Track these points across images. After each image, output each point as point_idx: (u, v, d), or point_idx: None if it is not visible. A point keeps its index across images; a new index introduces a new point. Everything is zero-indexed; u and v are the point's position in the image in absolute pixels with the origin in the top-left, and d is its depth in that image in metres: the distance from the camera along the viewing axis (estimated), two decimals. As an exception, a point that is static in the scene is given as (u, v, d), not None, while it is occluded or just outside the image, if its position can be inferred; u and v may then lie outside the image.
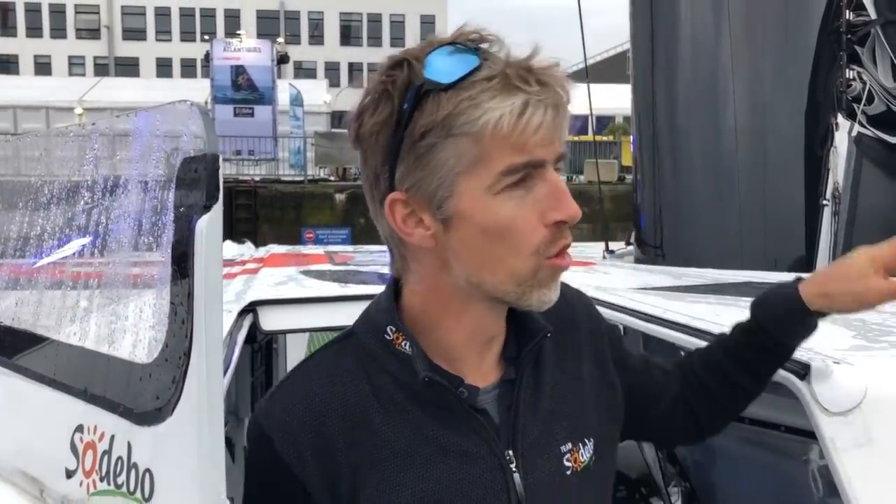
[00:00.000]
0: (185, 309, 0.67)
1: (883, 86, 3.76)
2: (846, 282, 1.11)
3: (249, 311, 1.83)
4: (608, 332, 1.13)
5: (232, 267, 3.12)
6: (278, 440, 0.91)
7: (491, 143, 0.85)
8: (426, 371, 0.91)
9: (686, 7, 3.99)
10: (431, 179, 0.87)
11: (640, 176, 4.22)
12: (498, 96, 0.84)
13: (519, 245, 0.88)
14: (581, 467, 1.00)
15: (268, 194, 20.01)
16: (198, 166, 0.66)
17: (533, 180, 0.87)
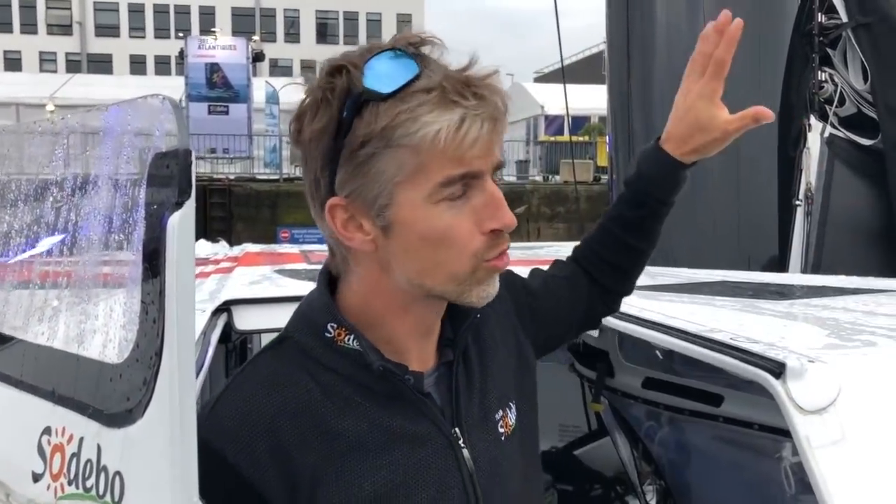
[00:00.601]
0: (156, 308, 0.66)
1: (854, 88, 3.81)
2: (708, 132, 1.17)
3: (223, 311, 1.81)
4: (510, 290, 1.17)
5: (206, 266, 3.08)
6: (231, 450, 0.91)
7: (429, 156, 0.88)
8: (379, 361, 0.94)
9: (661, 9, 4.02)
10: (371, 187, 0.90)
11: (615, 176, 4.25)
12: (436, 110, 0.87)
13: (457, 251, 0.92)
14: (511, 430, 1.07)
15: (242, 193, 19.86)
16: (170, 162, 0.65)
17: (472, 190, 0.91)
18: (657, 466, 2.60)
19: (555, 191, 20.43)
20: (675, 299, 2.27)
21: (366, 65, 0.88)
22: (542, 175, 24.84)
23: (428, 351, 1.03)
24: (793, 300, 2.32)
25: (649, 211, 1.22)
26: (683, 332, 1.56)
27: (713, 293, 2.44)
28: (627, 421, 2.71)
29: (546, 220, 19.49)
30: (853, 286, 2.51)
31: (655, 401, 2.33)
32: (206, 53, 23.80)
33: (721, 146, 1.19)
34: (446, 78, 0.88)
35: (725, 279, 2.80)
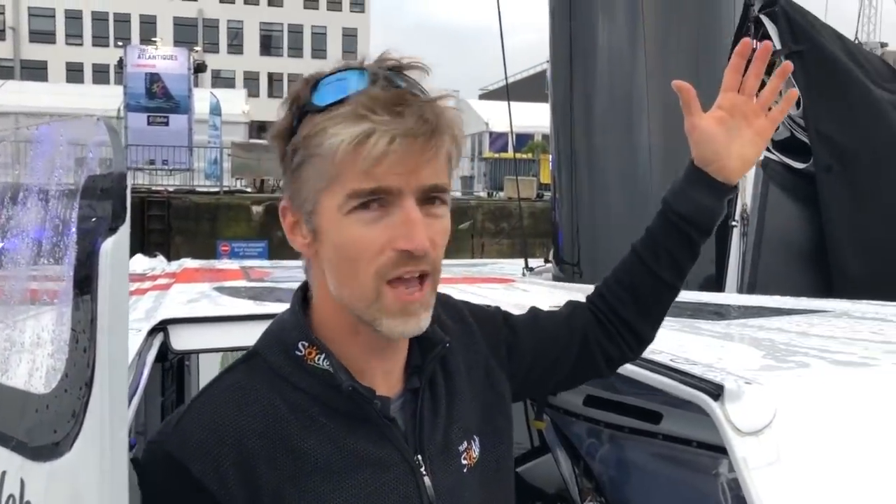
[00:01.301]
0: (87, 336, 0.63)
1: (787, 113, 3.92)
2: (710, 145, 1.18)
3: (160, 330, 1.76)
4: (481, 324, 1.17)
5: (143, 282, 3.01)
6: (196, 465, 0.91)
7: (341, 167, 0.90)
8: (349, 381, 0.95)
9: (603, 30, 4.08)
10: (301, 193, 0.95)
11: (558, 194, 4.29)
12: (342, 123, 0.89)
13: (363, 265, 0.92)
14: (474, 463, 1.07)
15: (182, 205, 19.47)
16: (104, 185, 0.63)
17: (391, 207, 0.91)
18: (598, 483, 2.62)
19: (499, 207, 20.58)
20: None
21: (321, 80, 0.93)
22: (487, 191, 25.00)
23: (394, 375, 1.03)
24: (730, 320, 2.36)
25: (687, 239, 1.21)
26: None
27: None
28: (569, 438, 2.73)
29: (490, 235, 19.59)
30: (787, 307, 2.57)
31: (596, 418, 2.35)
32: (145, 63, 23.37)
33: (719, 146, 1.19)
34: (367, 95, 0.90)
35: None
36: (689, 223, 1.20)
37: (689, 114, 1.19)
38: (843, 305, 2.56)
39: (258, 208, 19.59)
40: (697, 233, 1.21)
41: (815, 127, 3.80)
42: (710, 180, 1.19)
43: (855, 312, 2.40)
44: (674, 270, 1.22)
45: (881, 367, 1.59)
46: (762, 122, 1.20)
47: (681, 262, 1.22)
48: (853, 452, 1.31)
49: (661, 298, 1.25)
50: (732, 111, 1.19)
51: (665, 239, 1.21)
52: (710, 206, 1.20)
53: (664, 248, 1.21)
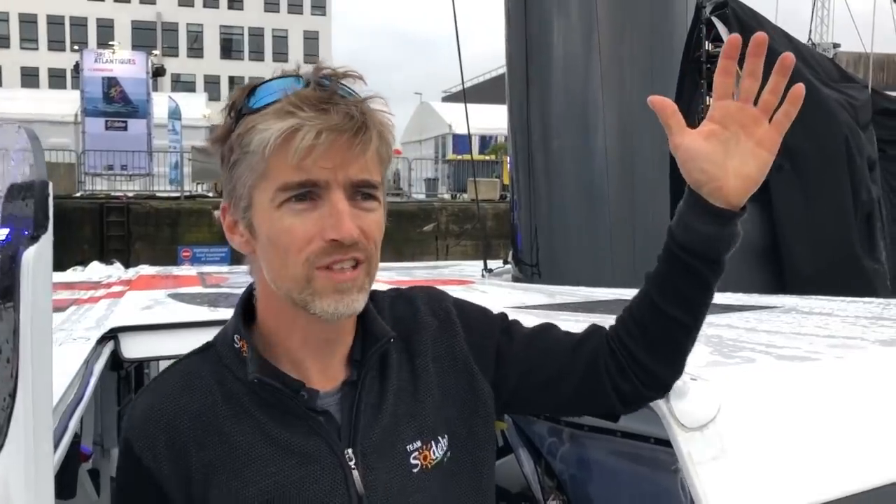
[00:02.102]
0: (10, 347, 0.62)
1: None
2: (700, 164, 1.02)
3: (110, 338, 1.74)
4: (468, 325, 1.14)
5: (97, 290, 2.96)
6: (136, 442, 0.99)
7: (271, 162, 0.93)
8: (255, 373, 0.98)
9: (558, 34, 4.12)
10: (236, 191, 0.98)
11: (516, 196, 4.32)
12: (271, 119, 0.93)
13: (294, 253, 0.95)
14: (432, 465, 1.04)
15: (141, 211, 19.21)
16: (25, 194, 0.62)
17: (320, 199, 0.94)
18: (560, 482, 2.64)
19: (462, 209, 20.62)
20: (570, 318, 2.31)
21: (260, 86, 0.97)
22: (451, 193, 25.03)
23: (333, 368, 1.04)
24: (682, 318, 2.39)
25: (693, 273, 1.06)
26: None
27: (608, 311, 2.49)
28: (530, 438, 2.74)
29: (454, 237, 19.62)
30: (739, 303, 2.61)
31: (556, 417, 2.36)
32: (103, 67, 23.03)
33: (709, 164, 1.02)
34: (297, 94, 0.93)
35: (620, 297, 2.87)
36: (693, 255, 1.05)
37: (671, 132, 1.04)
38: (791, 301, 2.61)
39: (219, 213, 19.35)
40: (704, 265, 1.06)
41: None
42: (708, 205, 1.03)
43: (803, 308, 2.45)
44: (683, 307, 1.08)
45: (824, 360, 1.62)
46: (765, 131, 1.02)
47: (690, 297, 1.08)
48: (796, 445, 1.33)
49: (673, 336, 1.11)
50: (726, 122, 1.02)
51: (670, 272, 1.07)
52: (713, 235, 1.04)
53: (670, 282, 1.07)
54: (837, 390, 1.49)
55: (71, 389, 1.29)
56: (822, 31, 29.29)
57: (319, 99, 0.93)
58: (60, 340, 1.70)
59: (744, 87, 1.02)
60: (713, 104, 1.04)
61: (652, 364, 1.13)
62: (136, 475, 0.99)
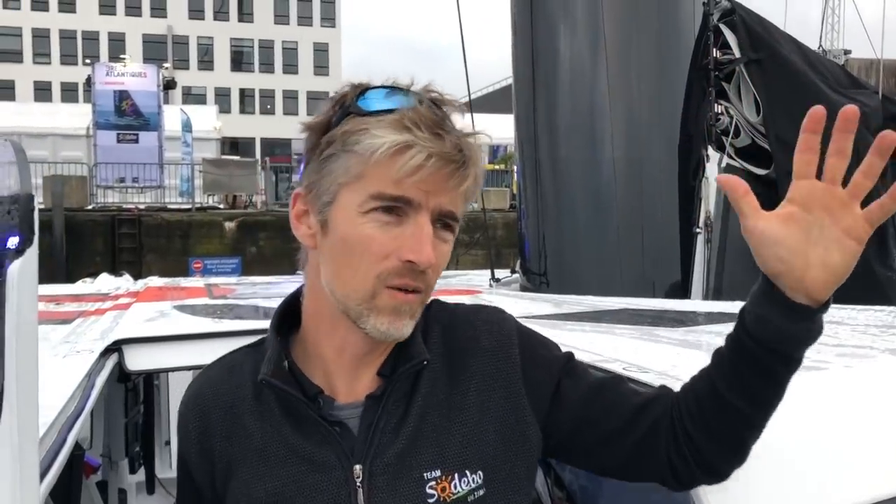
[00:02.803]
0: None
1: (748, 120, 3.98)
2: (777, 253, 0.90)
3: (114, 351, 1.74)
4: (528, 356, 1.06)
5: (104, 302, 2.97)
6: (178, 426, 1.08)
7: (373, 168, 0.93)
8: (265, 375, 1.00)
9: (565, 43, 4.12)
10: (322, 184, 0.97)
11: (524, 205, 4.31)
12: (387, 129, 0.93)
13: (366, 264, 0.95)
14: (451, 498, 0.96)
15: (153, 223, 19.31)
16: (11, 207, 0.62)
17: (406, 217, 0.95)
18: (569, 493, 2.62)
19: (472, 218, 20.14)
20: (577, 328, 2.30)
21: (371, 89, 0.98)
22: (463, 203, 25.03)
23: (362, 382, 1.02)
24: (689, 327, 2.37)
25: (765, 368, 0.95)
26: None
27: (615, 321, 2.49)
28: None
29: (465, 246, 19.61)
30: (748, 312, 2.59)
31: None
32: (114, 80, 23.20)
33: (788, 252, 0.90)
34: (414, 111, 0.94)
35: (627, 307, 2.86)
36: (766, 349, 0.93)
37: (743, 216, 0.91)
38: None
39: (231, 224, 19.47)
40: (778, 361, 0.94)
41: (774, 133, 3.86)
42: (786, 299, 0.91)
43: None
44: (748, 399, 0.97)
45: (832, 369, 1.60)
46: (854, 219, 0.88)
47: (758, 392, 0.96)
48: (804, 455, 1.32)
49: (733, 427, 1.00)
50: (809, 204, 0.89)
51: (738, 361, 0.96)
52: (791, 331, 0.92)
53: (736, 371, 0.96)
54: (846, 400, 1.47)
55: (72, 402, 1.29)
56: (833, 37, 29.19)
57: (434, 122, 0.94)
58: (64, 353, 1.70)
59: (830, 166, 0.89)
60: (793, 184, 0.91)
61: (707, 450, 1.02)
62: (179, 457, 1.08)
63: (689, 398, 1.02)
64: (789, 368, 0.96)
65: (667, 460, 1.04)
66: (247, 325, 2.02)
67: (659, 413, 1.04)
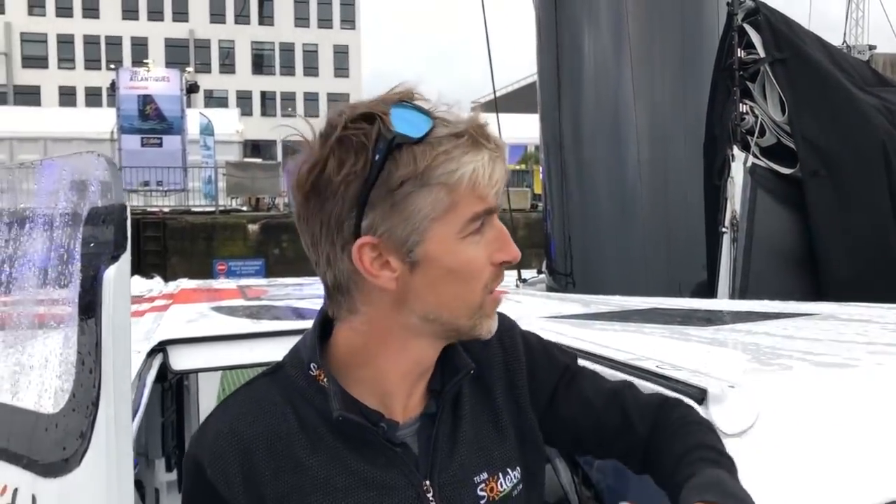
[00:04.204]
0: (92, 359, 0.66)
1: (773, 119, 3.98)
2: None
3: (159, 351, 1.79)
4: (532, 363, 1.14)
5: (140, 304, 3.03)
6: (209, 467, 0.95)
7: (461, 194, 0.94)
8: (339, 410, 0.96)
9: (589, 44, 4.14)
10: (405, 225, 0.93)
11: (549, 205, 4.33)
12: (470, 152, 0.94)
13: (475, 283, 0.97)
14: (498, 497, 1.03)
15: (177, 226, 19.50)
16: (106, 216, 0.67)
17: (485, 226, 0.97)
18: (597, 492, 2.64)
19: (494, 219, 20.52)
20: (607, 327, 2.33)
21: (392, 112, 0.93)
22: (481, 203, 24.97)
23: (415, 398, 1.03)
24: (718, 326, 2.39)
25: None
26: (612, 361, 1.60)
27: (644, 320, 2.51)
28: (566, 447, 2.75)
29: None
30: (776, 311, 2.60)
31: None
32: (138, 85, 23.44)
33: None
34: (470, 125, 0.95)
35: (656, 306, 2.88)
36: None
37: None
38: (830, 308, 2.60)
39: (254, 227, 19.62)
40: None
41: (800, 133, 3.86)
42: None
43: (841, 315, 2.43)
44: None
45: (863, 367, 1.62)
46: None
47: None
48: (835, 453, 1.34)
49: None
50: None
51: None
52: None
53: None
54: (877, 397, 1.49)
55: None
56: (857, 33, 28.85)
57: (488, 131, 0.97)
58: (112, 354, 1.75)
59: None
60: None
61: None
62: (210, 500, 0.95)
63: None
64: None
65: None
66: (285, 326, 2.08)
67: (636, 438, 1.15)
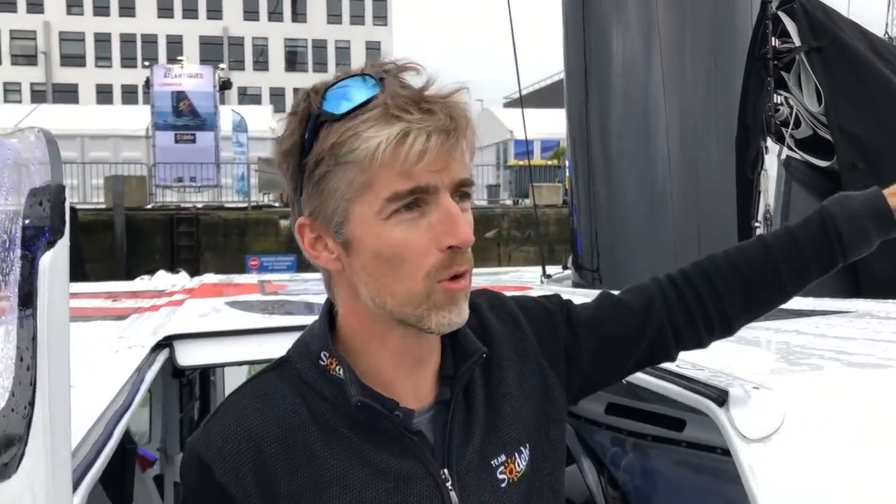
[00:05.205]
0: (30, 354, 0.62)
1: (809, 110, 3.86)
2: None
3: (165, 346, 1.76)
4: (536, 326, 1.10)
5: (159, 298, 3.02)
6: (218, 468, 0.92)
7: (377, 171, 0.88)
8: (358, 395, 0.92)
9: (617, 37, 4.05)
10: (328, 205, 0.91)
11: (576, 201, 4.26)
12: (376, 125, 0.87)
13: (412, 268, 0.90)
14: (517, 477, 1.01)
15: (210, 221, 19.69)
16: (42, 199, 0.61)
17: (428, 206, 0.90)
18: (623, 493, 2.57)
19: (525, 214, 20.51)
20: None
21: (328, 90, 0.90)
22: (513, 199, 24.95)
23: (424, 385, 1.00)
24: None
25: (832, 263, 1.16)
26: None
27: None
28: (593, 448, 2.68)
29: (517, 243, 19.54)
30: (808, 308, 2.51)
31: (619, 427, 2.30)
32: (172, 82, 23.70)
33: None
34: (392, 95, 0.88)
35: (683, 303, 2.79)
36: (844, 251, 1.14)
37: None
38: (866, 306, 2.50)
39: (286, 222, 19.73)
40: (844, 260, 1.15)
41: (837, 124, 3.73)
42: (892, 221, 1.14)
43: (878, 313, 2.34)
44: (798, 283, 1.16)
45: (901, 368, 1.53)
46: None
47: (810, 278, 1.17)
48: (866, 457, 1.26)
49: (770, 302, 1.19)
50: None
51: (811, 252, 1.15)
52: (872, 243, 1.15)
53: (805, 260, 1.15)
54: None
55: (120, 396, 1.31)
56: (899, 24, 28.20)
57: (419, 99, 0.88)
58: (117, 348, 1.72)
59: None
60: None
61: (735, 316, 1.17)
62: (219, 500, 0.92)
63: (727, 279, 1.15)
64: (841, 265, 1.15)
65: (674, 340, 1.15)
66: (296, 321, 2.03)
67: (660, 310, 1.14)
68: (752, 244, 1.20)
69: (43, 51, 50.80)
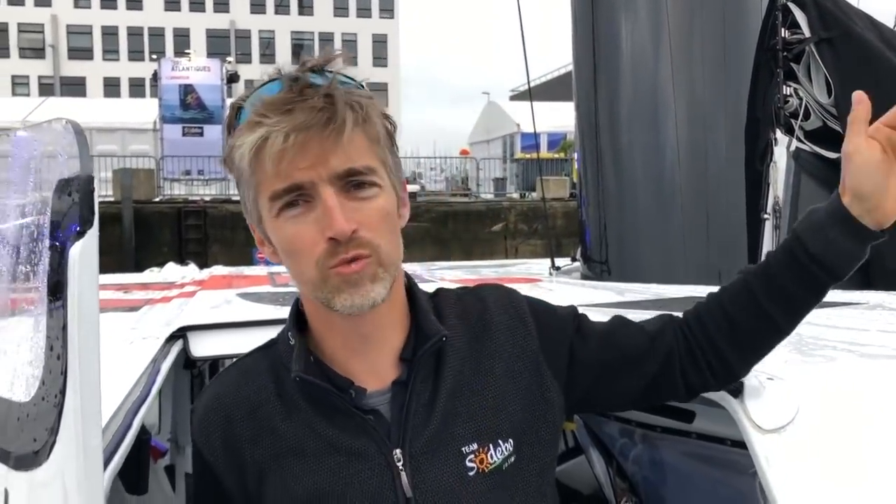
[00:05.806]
0: (60, 343, 0.62)
1: (818, 102, 3.84)
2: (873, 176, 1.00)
3: (179, 337, 1.77)
4: (542, 325, 1.12)
5: (170, 290, 3.04)
6: (197, 437, 1.05)
7: (257, 175, 0.96)
8: (297, 372, 0.99)
9: (626, 27, 4.03)
10: (250, 209, 1.01)
11: (584, 192, 4.25)
12: (244, 134, 0.95)
13: (304, 259, 0.96)
14: (490, 468, 1.02)
15: (218, 214, 19.70)
16: (71, 189, 0.62)
17: (313, 200, 0.95)
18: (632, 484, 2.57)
19: (531, 207, 20.48)
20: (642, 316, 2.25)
21: (247, 99, 0.99)
22: (519, 192, 24.92)
23: (382, 367, 1.03)
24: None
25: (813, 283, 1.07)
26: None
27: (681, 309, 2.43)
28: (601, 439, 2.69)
29: (524, 236, 19.51)
30: (819, 299, 2.50)
31: (628, 418, 2.31)
32: (179, 75, 23.71)
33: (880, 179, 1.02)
34: (261, 100, 0.95)
35: (693, 294, 2.79)
36: (822, 267, 1.05)
37: (855, 133, 1.04)
38: (878, 297, 2.49)
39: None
40: (828, 277, 1.06)
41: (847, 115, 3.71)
42: (859, 224, 1.03)
43: (890, 304, 2.34)
44: (789, 313, 1.10)
45: (913, 359, 1.53)
46: None
47: (799, 306, 1.10)
48: (881, 448, 1.26)
49: (766, 339, 1.13)
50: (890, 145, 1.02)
51: (786, 277, 1.07)
52: (851, 251, 1.04)
53: (782, 286, 1.07)
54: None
55: (137, 387, 1.32)
56: (908, 16, 28.01)
57: (285, 101, 0.93)
58: (131, 339, 1.74)
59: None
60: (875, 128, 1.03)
61: (735, 361, 1.13)
62: (201, 468, 1.05)
63: (716, 315, 1.11)
64: (833, 283, 1.08)
65: (681, 378, 1.13)
66: None
67: (670, 341, 1.13)
68: (734, 284, 1.14)
69: (51, 44, 50.84)
